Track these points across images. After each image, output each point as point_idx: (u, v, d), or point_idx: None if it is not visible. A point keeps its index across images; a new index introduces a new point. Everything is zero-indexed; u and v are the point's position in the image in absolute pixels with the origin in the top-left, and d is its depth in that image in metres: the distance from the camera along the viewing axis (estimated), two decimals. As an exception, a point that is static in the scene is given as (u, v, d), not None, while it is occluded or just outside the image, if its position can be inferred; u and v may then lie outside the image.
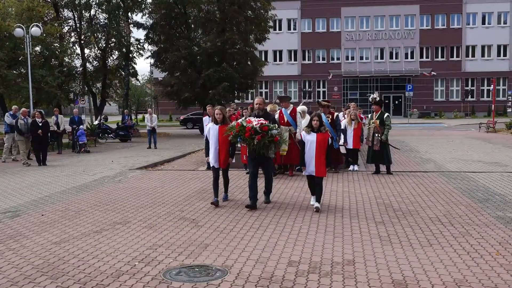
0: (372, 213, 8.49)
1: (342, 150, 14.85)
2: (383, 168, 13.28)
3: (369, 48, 55.87)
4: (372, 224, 7.71)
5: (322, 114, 13.06)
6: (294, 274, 5.48)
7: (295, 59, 57.00)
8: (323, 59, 56.90)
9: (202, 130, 24.12)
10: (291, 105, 13.04)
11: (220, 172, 9.62)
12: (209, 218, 8.27)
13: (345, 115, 15.65)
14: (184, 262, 5.98)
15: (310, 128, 8.70)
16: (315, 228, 7.50)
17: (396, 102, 56.24)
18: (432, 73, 53.25)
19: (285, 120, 12.67)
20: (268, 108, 13.74)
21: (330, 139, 8.78)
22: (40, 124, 17.17)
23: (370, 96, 14.92)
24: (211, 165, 9.57)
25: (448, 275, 5.39)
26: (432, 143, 22.86)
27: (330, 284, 5.16)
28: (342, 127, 14.54)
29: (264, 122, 8.88)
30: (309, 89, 56.55)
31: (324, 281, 5.25)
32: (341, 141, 14.80)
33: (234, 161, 10.04)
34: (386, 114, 13.16)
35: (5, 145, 18.91)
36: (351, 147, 14.31)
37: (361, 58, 56.26)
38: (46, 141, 17.70)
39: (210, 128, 9.50)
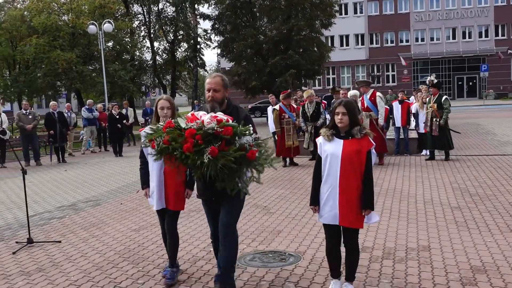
0: (447, 198, 8.27)
1: (414, 134, 14.53)
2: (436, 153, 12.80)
3: (440, 29, 53.91)
4: (448, 210, 7.52)
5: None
6: (368, 260, 5.46)
7: (362, 43, 55.92)
8: (392, 42, 55.49)
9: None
10: (371, 89, 12.54)
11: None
12: (280, 205, 8.35)
13: (416, 99, 15.27)
14: (257, 248, 6.09)
15: (332, 129, 4.47)
16: (388, 214, 7.41)
17: (470, 83, 54.11)
18: (509, 51, 50.64)
19: (365, 106, 12.22)
20: (305, 94, 13.52)
21: (374, 151, 4.57)
22: (117, 117, 17.90)
23: (427, 78, 14.41)
24: (154, 207, 5.23)
25: (530, 261, 5.20)
26: (510, 125, 21.84)
27: (405, 270, 5.10)
28: (413, 111, 14.22)
29: (225, 118, 4.00)
30: (378, 74, 55.40)
31: (399, 267, 5.20)
32: (412, 125, 14.48)
33: (194, 196, 5.02)
34: (444, 97, 12.56)
35: (84, 137, 19.83)
36: (423, 131, 13.92)
37: (432, 39, 54.42)
38: (122, 133, 18.41)
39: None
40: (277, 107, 13.16)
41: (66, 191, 10.87)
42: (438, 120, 12.34)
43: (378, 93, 12.37)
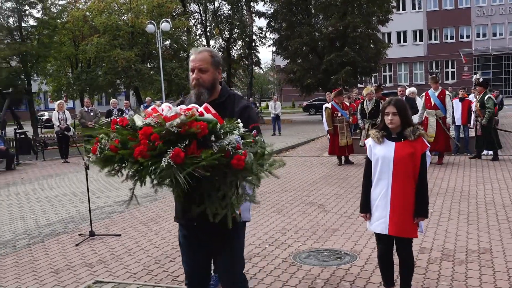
0: (510, 200, 7.97)
1: (472, 133, 14.07)
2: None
3: (503, 24, 51.94)
4: (511, 211, 7.25)
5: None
6: (426, 261, 5.34)
7: (421, 40, 54.63)
8: (451, 37, 53.92)
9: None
10: (440, 86, 12.26)
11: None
12: (336, 204, 8.29)
13: (476, 96, 14.78)
14: (313, 246, 6.07)
15: (382, 131, 4.13)
16: (447, 214, 7.22)
17: (535, 80, 51.91)
18: None
19: (432, 103, 11.91)
20: (364, 91, 13.27)
21: (429, 152, 4.10)
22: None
23: (473, 77, 14.09)
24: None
25: None
26: None
27: (466, 273, 4.97)
28: (474, 109, 13.78)
29: (198, 111, 2.69)
30: (437, 70, 53.94)
31: (459, 269, 5.06)
32: (473, 124, 14.02)
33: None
34: (487, 96, 12.11)
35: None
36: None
37: (494, 34, 52.51)
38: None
39: None
40: (329, 105, 13.07)
41: (126, 186, 11.13)
42: (481, 119, 12.04)
43: (447, 92, 12.12)
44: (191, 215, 2.87)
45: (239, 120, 2.78)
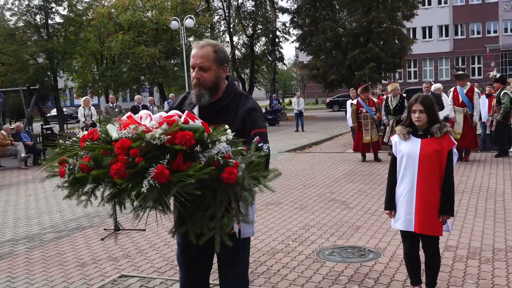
0: (539, 198, 7.83)
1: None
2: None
3: (532, 18, 50.84)
4: (539, 210, 7.13)
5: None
6: (452, 259, 5.28)
7: (446, 35, 53.75)
8: (478, 33, 52.93)
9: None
10: (469, 83, 12.08)
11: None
12: (359, 201, 8.25)
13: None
14: (336, 243, 6.05)
15: (408, 127, 4.10)
16: (473, 212, 7.13)
17: None
18: None
19: (460, 100, 11.64)
20: (389, 87, 13.10)
21: (456, 149, 4.06)
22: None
23: (490, 74, 13.92)
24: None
25: None
26: None
27: (492, 271, 4.90)
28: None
29: (182, 118, 2.43)
30: (463, 66, 53.13)
31: (485, 268, 4.99)
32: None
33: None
34: (503, 92, 11.94)
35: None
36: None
37: (523, 29, 51.43)
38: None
39: None
40: (354, 101, 12.99)
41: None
42: (496, 115, 12.00)
43: (476, 89, 11.93)
44: (188, 245, 2.73)
45: (226, 127, 2.46)
